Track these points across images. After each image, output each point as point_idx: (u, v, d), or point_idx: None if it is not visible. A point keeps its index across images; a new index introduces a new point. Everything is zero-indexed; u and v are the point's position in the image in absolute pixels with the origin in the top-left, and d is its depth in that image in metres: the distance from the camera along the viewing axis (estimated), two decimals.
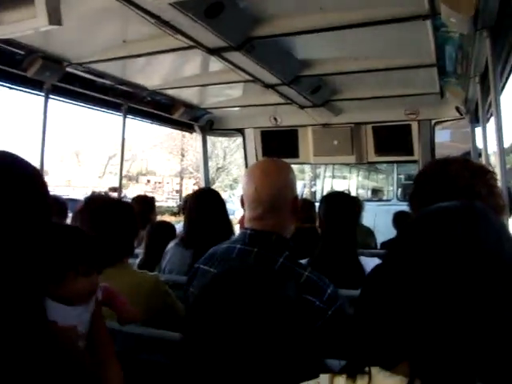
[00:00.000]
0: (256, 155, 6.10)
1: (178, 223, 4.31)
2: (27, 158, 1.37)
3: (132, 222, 2.24)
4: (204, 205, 3.23)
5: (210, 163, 6.59)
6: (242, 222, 5.49)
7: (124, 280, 2.05)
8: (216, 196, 3.36)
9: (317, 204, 5.01)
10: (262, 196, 1.81)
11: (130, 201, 4.32)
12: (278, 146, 5.98)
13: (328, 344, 1.66)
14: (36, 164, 3.77)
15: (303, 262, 2.57)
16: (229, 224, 3.33)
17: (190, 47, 3.26)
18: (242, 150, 6.28)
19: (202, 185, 6.50)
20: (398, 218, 5.73)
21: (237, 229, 4.06)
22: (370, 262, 2.66)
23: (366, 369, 0.87)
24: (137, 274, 2.27)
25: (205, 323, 1.04)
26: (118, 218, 2.16)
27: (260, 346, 1.00)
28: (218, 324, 1.02)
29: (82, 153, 42.58)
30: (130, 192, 25.89)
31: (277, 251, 1.78)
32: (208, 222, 3.14)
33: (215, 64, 3.79)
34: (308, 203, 4.62)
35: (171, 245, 3.31)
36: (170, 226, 3.69)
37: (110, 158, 37.83)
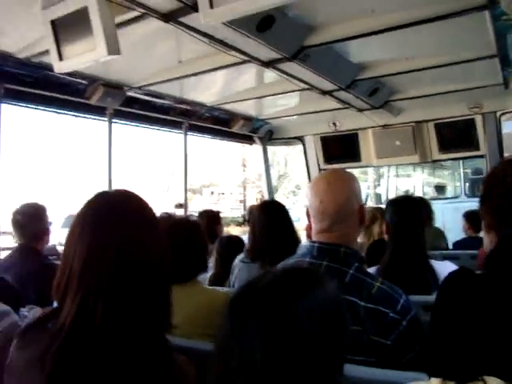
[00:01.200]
0: (317, 162, 6.06)
1: (245, 234, 4.32)
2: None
3: (200, 238, 2.27)
4: (268, 217, 3.22)
5: (271, 171, 6.59)
6: (308, 229, 5.47)
7: (195, 298, 2.07)
8: (280, 207, 3.36)
9: (381, 206, 4.95)
10: (327, 208, 1.79)
11: (195, 214, 4.39)
12: (339, 150, 5.91)
13: (404, 354, 1.62)
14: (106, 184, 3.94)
15: (372, 270, 2.53)
16: (294, 234, 3.31)
17: (244, 62, 3.29)
18: (303, 157, 6.25)
19: (265, 194, 6.51)
20: (471, 218, 5.53)
21: (302, 236, 4.04)
22: (441, 266, 2.58)
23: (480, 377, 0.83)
24: (208, 292, 2.28)
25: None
26: (186, 236, 2.19)
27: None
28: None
29: (145, 169, 43.58)
30: (195, 205, 26.27)
31: (346, 263, 1.75)
32: (273, 234, 3.14)
33: (270, 75, 3.81)
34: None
35: (238, 260, 3.32)
36: (238, 241, 3.72)
37: (172, 174, 38.54)
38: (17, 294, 2.31)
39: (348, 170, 2.36)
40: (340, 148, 5.93)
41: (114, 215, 1.28)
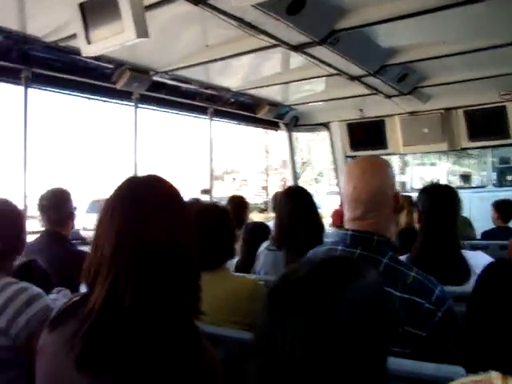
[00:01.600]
0: (343, 148, 6.00)
1: (268, 221, 4.30)
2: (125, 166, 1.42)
3: (228, 225, 2.24)
4: (294, 204, 3.17)
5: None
6: (335, 217, 5.42)
7: (224, 285, 2.04)
8: (305, 193, 3.31)
9: (405, 194, 4.87)
10: (361, 195, 1.74)
11: (218, 200, 4.38)
12: (366, 137, 5.83)
13: (439, 346, 1.58)
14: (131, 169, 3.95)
15: (401, 259, 2.48)
16: (319, 221, 3.26)
17: (272, 46, 3.24)
18: (326, 144, 6.20)
19: (288, 180, 6.49)
20: (500, 208, 5.41)
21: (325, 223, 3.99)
22: (474, 256, 2.52)
23: None
24: (236, 279, 2.26)
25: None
26: (215, 223, 2.16)
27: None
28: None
29: (170, 155, 43.76)
30: (217, 191, 26.33)
31: (380, 252, 1.71)
32: (299, 221, 3.09)
33: (297, 60, 3.76)
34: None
35: (263, 247, 3.29)
36: (264, 227, 3.68)
37: (195, 159, 38.66)
38: (48, 277, 2.32)
39: None
40: (366, 135, 5.85)
41: (143, 200, 1.27)
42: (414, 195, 3.81)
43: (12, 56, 3.25)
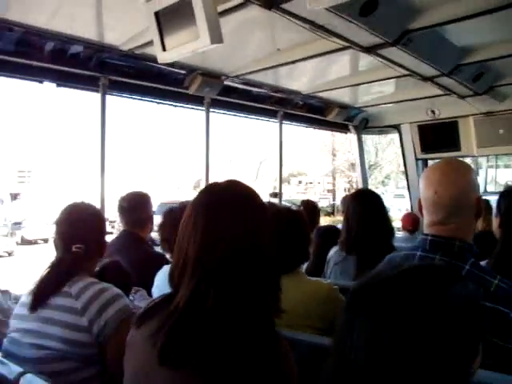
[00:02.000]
0: (414, 151, 5.85)
1: (337, 225, 4.25)
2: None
3: (304, 228, 2.23)
4: (363, 207, 3.11)
5: None
6: (406, 220, 5.29)
7: (300, 289, 2.03)
8: (374, 196, 3.24)
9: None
10: (442, 200, 1.68)
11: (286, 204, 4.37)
12: (437, 139, 5.66)
13: None
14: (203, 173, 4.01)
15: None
16: (389, 225, 3.18)
17: (343, 48, 3.20)
18: (394, 146, 6.06)
19: (355, 183, 6.40)
20: None
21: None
22: None
23: None
24: (311, 283, 2.24)
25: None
26: (291, 226, 2.16)
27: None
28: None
29: (234, 158, 44.19)
30: (283, 194, 26.36)
31: (461, 258, 1.64)
32: (368, 224, 3.03)
33: (367, 61, 3.71)
34: None
35: (333, 251, 3.25)
36: (335, 230, 3.64)
37: (261, 163, 38.81)
38: (128, 278, 2.38)
39: None
40: (438, 136, 5.68)
41: (226, 204, 1.30)
42: (488, 198, 3.67)
43: (90, 65, 3.38)
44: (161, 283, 2.53)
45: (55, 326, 1.80)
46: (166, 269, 2.59)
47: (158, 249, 3.25)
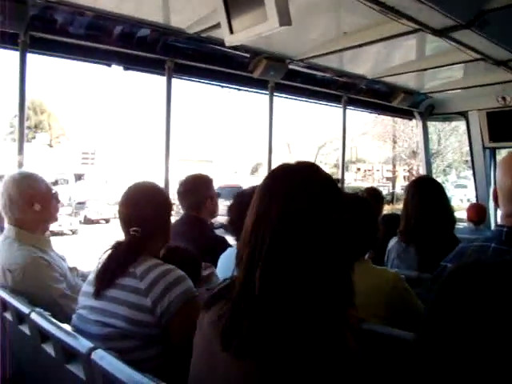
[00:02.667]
0: (482, 139, 5.63)
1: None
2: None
3: (371, 215, 2.18)
4: (423, 194, 3.00)
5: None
6: (471, 211, 5.11)
7: (366, 277, 1.99)
8: (436, 184, 3.12)
9: None
10: None
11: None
12: (508, 127, 5.41)
13: None
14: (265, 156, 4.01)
15: None
16: (451, 215, 3.06)
17: (413, 31, 3.10)
18: (457, 134, 5.86)
19: (415, 172, 6.24)
20: None
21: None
22: None
23: None
24: (377, 271, 2.20)
25: (445, 323, 0.88)
26: (357, 213, 2.11)
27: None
28: (460, 325, 0.85)
29: (292, 143, 44.04)
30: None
31: None
32: (428, 212, 2.92)
33: (436, 45, 3.59)
34: None
35: (393, 242, 3.17)
36: (395, 217, 3.55)
37: (319, 148, 38.44)
38: (197, 264, 2.35)
39: None
40: (508, 125, 5.42)
41: (301, 190, 1.25)
42: None
43: (157, 48, 3.43)
44: (224, 267, 2.54)
45: (120, 305, 1.83)
46: (229, 252, 2.60)
47: (218, 232, 3.29)
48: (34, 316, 1.93)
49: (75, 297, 2.16)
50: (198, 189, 3.26)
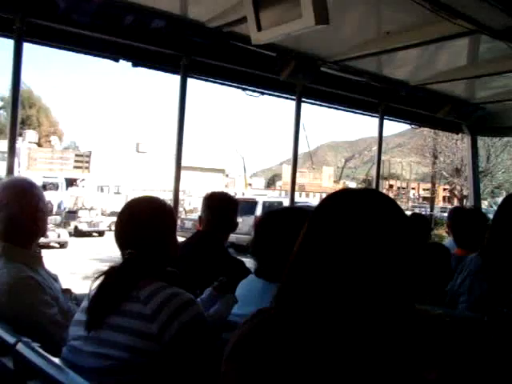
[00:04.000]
0: None
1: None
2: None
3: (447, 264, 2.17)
4: (470, 229, 2.98)
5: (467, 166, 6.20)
6: None
7: None
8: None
9: None
10: None
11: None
12: None
13: None
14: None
15: None
16: None
17: (468, 33, 3.08)
18: (510, 150, 5.82)
19: (459, 192, 6.20)
20: None
21: None
22: None
23: None
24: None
25: None
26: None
27: None
28: None
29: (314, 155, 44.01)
30: None
31: None
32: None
33: (492, 49, 3.58)
34: None
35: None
36: (444, 250, 3.50)
37: (346, 161, 38.46)
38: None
39: None
40: None
41: (366, 224, 1.22)
42: None
43: (171, 42, 3.42)
44: (245, 296, 2.50)
45: (121, 333, 1.82)
46: (251, 279, 2.57)
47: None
48: (20, 347, 1.91)
49: (68, 324, 2.15)
50: (224, 208, 3.24)
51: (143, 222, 2.03)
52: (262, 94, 4.09)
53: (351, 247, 1.19)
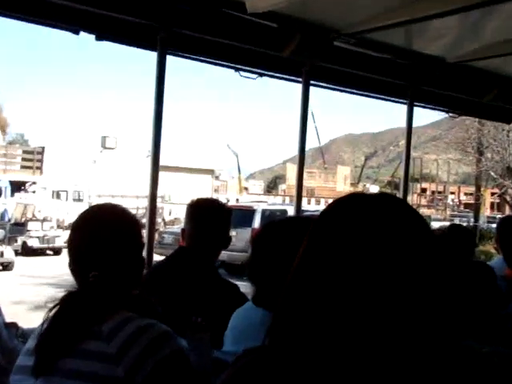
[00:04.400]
0: None
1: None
2: None
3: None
4: None
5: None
6: None
7: None
8: None
9: None
10: None
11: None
12: None
13: None
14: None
15: None
16: None
17: None
18: None
19: (511, 196, 6.22)
20: None
21: None
22: None
23: None
24: None
25: None
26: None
27: None
28: None
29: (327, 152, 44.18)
30: None
31: None
32: None
33: None
34: None
35: None
36: (487, 270, 3.54)
37: (367, 158, 38.57)
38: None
39: None
40: None
41: (386, 235, 1.24)
42: None
43: (145, 11, 3.42)
44: (241, 326, 2.52)
45: (79, 379, 1.82)
46: (249, 308, 2.59)
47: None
48: None
49: (11, 369, 2.15)
50: (215, 219, 3.25)
51: (104, 237, 2.03)
52: (261, 75, 4.10)
53: (361, 267, 1.18)
